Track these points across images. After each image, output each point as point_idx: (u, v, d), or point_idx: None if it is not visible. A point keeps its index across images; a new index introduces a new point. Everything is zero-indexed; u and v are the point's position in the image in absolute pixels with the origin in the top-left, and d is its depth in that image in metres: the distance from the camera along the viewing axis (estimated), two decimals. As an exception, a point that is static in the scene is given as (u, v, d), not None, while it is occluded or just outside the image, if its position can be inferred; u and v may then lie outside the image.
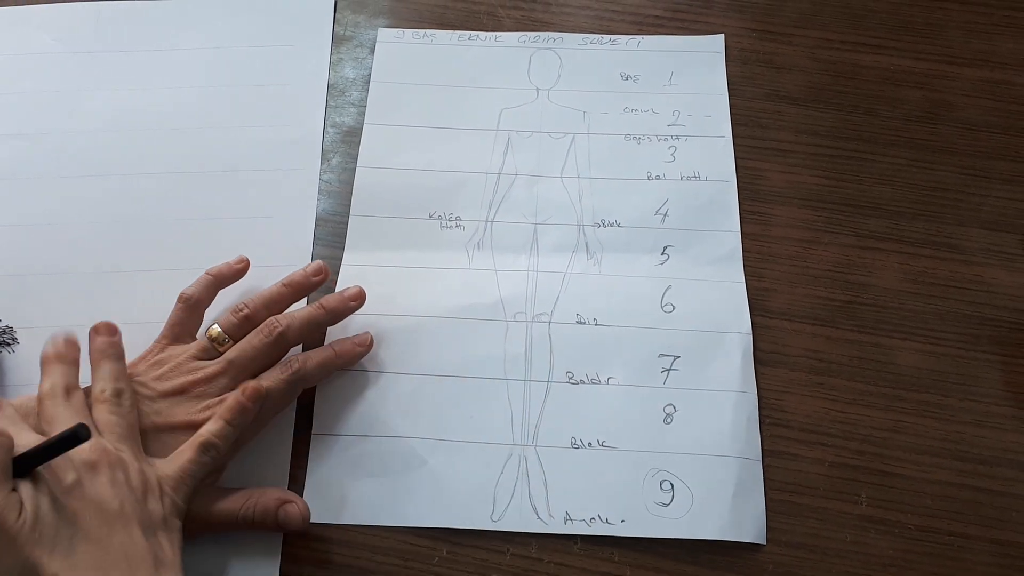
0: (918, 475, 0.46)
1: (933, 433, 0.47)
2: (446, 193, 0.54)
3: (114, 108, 0.58)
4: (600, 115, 0.58)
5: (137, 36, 0.61)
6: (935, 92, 0.58)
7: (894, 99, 0.58)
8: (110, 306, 0.50)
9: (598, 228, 0.53)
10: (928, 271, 0.52)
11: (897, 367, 0.49)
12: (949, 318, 0.50)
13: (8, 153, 0.56)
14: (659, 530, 0.44)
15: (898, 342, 0.49)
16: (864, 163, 0.56)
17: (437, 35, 0.61)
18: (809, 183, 0.55)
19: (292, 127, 0.57)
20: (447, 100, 0.58)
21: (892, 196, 0.54)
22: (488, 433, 0.47)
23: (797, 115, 0.57)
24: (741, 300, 0.51)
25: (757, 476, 0.46)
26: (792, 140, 0.56)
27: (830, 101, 0.58)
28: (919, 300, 0.51)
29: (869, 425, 0.47)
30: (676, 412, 0.47)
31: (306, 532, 0.44)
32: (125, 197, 0.54)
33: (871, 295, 0.51)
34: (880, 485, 0.45)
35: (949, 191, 0.54)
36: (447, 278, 0.52)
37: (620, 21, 0.62)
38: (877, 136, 0.57)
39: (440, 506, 0.45)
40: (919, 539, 0.44)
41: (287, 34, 0.61)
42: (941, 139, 0.56)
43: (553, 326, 0.50)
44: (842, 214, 0.54)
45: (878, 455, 0.46)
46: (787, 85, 0.59)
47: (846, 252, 0.52)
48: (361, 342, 0.48)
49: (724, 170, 0.55)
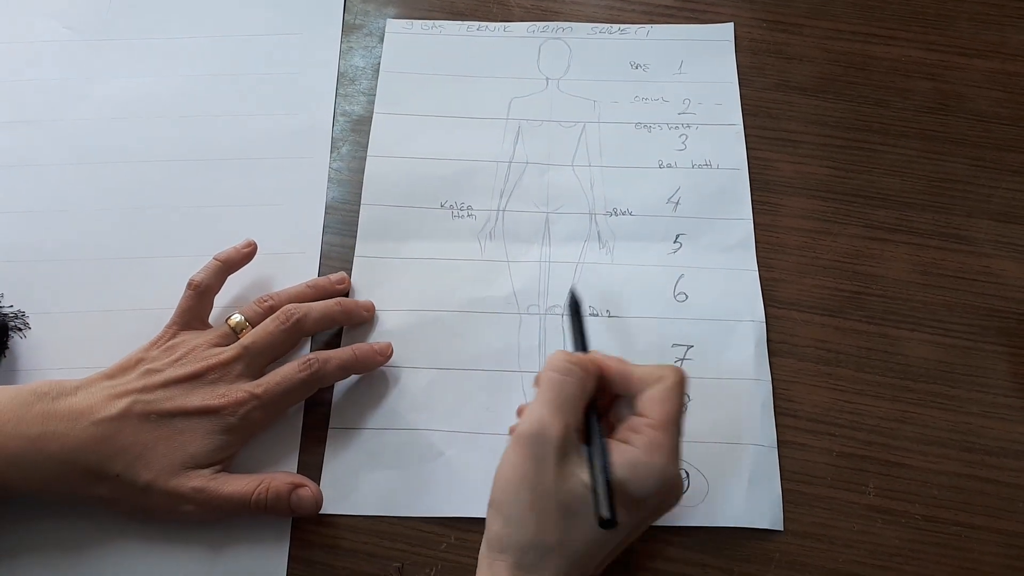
0: (925, 465, 0.46)
1: (940, 424, 0.47)
2: (457, 182, 0.54)
3: (124, 95, 0.58)
4: (610, 104, 0.57)
5: (147, 24, 0.61)
6: (946, 83, 0.58)
7: (904, 90, 0.58)
8: (120, 292, 0.51)
9: (610, 217, 0.53)
10: (937, 262, 0.52)
11: (905, 358, 0.49)
12: (958, 309, 0.50)
13: (18, 140, 0.56)
14: (674, 518, 0.44)
15: (906, 333, 0.50)
16: (874, 154, 0.55)
17: (446, 26, 0.61)
18: (819, 174, 0.55)
19: (302, 115, 0.57)
20: (457, 90, 0.58)
21: (902, 187, 0.54)
22: (504, 425, 0.46)
23: (807, 105, 0.57)
24: (754, 288, 0.51)
25: (773, 463, 0.46)
26: (802, 130, 0.56)
27: (840, 92, 0.58)
28: (928, 291, 0.51)
29: (877, 415, 0.47)
30: (691, 401, 0.47)
31: (315, 517, 0.44)
32: (135, 184, 0.54)
33: (880, 286, 0.51)
34: (887, 475, 0.46)
35: (959, 182, 0.54)
36: (460, 269, 0.52)
37: (630, 11, 0.61)
38: (887, 127, 0.56)
39: (456, 497, 0.45)
40: (926, 529, 0.44)
41: (297, 23, 0.61)
42: (951, 130, 0.56)
43: (567, 318, 0.50)
44: (851, 205, 0.54)
45: (885, 445, 0.46)
46: (797, 75, 0.59)
47: (855, 243, 0.52)
48: (382, 351, 0.48)
49: (735, 158, 0.55)
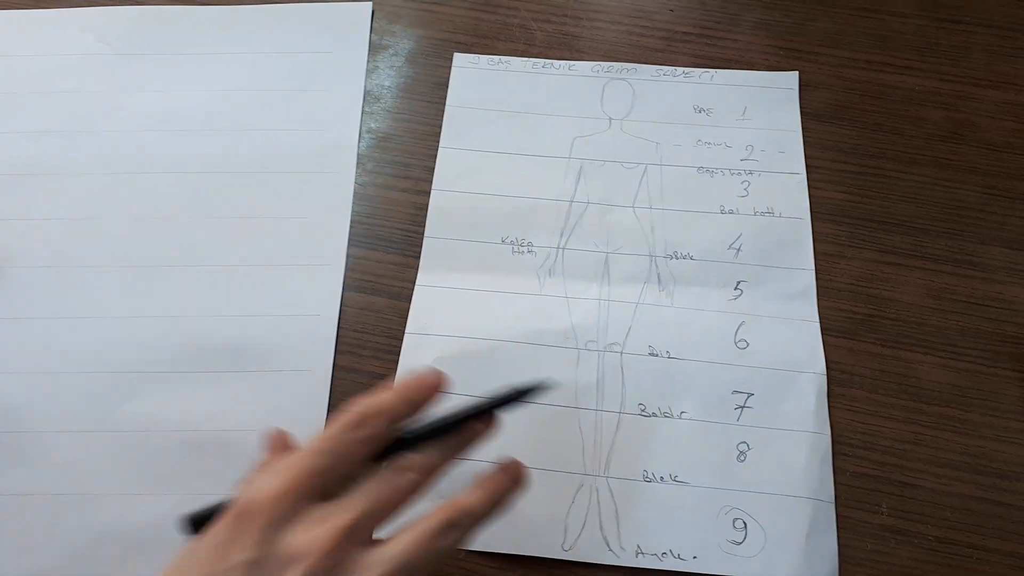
0: (938, 487, 0.46)
1: (953, 447, 0.48)
2: (518, 218, 0.55)
3: (155, 108, 0.59)
4: (673, 147, 0.58)
5: (178, 40, 0.62)
6: (959, 113, 0.59)
7: (918, 118, 0.59)
8: (148, 298, 0.52)
9: (670, 260, 0.53)
10: (950, 288, 0.52)
11: (918, 381, 0.49)
12: (970, 334, 0.51)
13: (52, 149, 0.57)
14: (732, 568, 0.44)
15: (919, 356, 0.50)
16: (888, 180, 0.56)
17: (512, 62, 0.61)
18: (834, 198, 0.56)
19: (328, 132, 0.58)
20: (520, 127, 0.58)
21: (915, 213, 0.55)
22: (559, 461, 0.47)
23: (822, 132, 0.58)
24: (815, 339, 0.50)
25: (830, 518, 0.45)
26: (817, 156, 0.57)
27: (855, 119, 0.59)
28: (941, 316, 0.52)
29: (890, 436, 0.48)
30: (750, 450, 0.47)
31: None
32: (163, 194, 0.56)
33: (893, 310, 0.52)
34: (901, 496, 0.46)
35: (972, 210, 0.55)
36: (518, 303, 0.52)
37: (650, 36, 0.63)
38: (901, 154, 0.57)
39: (512, 532, 0.45)
40: (939, 550, 0.45)
41: (326, 42, 0.62)
42: (964, 159, 0.57)
43: (625, 357, 0.50)
44: (866, 229, 0.55)
45: (899, 466, 0.47)
46: (812, 102, 0.60)
47: (869, 267, 0.53)
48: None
49: (798, 207, 0.55)
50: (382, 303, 0.52)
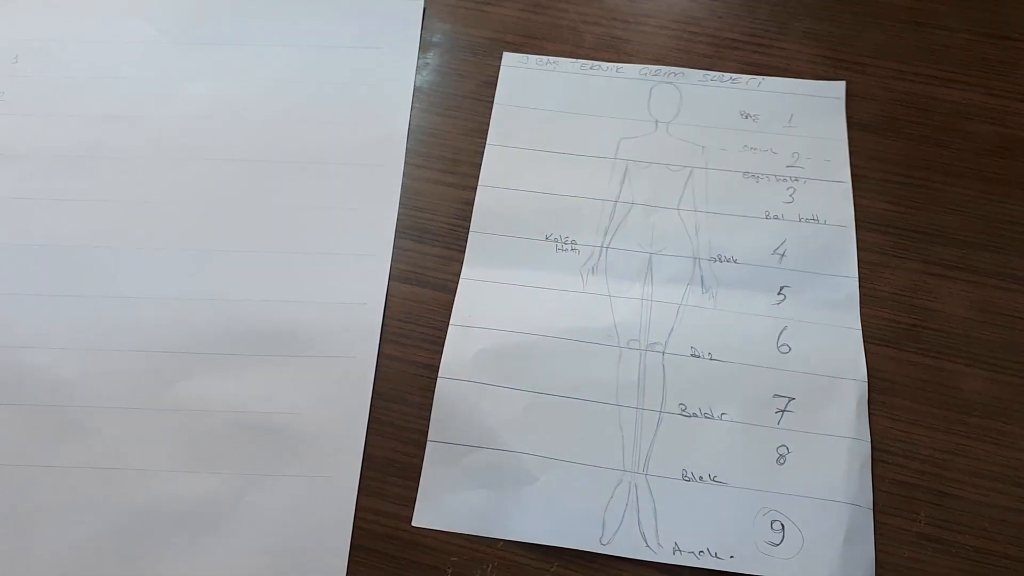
0: (977, 498, 0.46)
1: (994, 458, 0.48)
2: (562, 217, 0.55)
3: (208, 96, 0.60)
4: (719, 151, 0.58)
5: (234, 30, 0.64)
6: (1007, 128, 0.59)
7: (965, 132, 0.59)
8: (199, 282, 0.53)
9: (714, 263, 0.53)
10: (994, 301, 0.52)
11: (960, 391, 0.50)
12: (1014, 348, 0.51)
13: (107, 133, 0.59)
14: (769, 569, 0.44)
15: (962, 367, 0.50)
16: (933, 192, 0.57)
17: (560, 62, 0.62)
18: (878, 208, 0.56)
19: (378, 126, 0.59)
20: (567, 127, 0.59)
21: (960, 226, 0.55)
22: (599, 457, 0.47)
23: (868, 142, 0.59)
24: (857, 347, 0.51)
25: (868, 525, 0.46)
26: (863, 166, 0.58)
27: (901, 131, 0.59)
28: (984, 328, 0.52)
29: (930, 446, 0.48)
30: (789, 454, 0.47)
31: (415, 540, 0.45)
32: (215, 181, 0.57)
33: (936, 321, 0.52)
34: (939, 505, 0.46)
35: (1018, 224, 0.55)
36: (561, 299, 0.52)
37: (698, 42, 0.63)
38: (947, 167, 0.58)
39: (549, 523, 0.45)
40: (976, 560, 0.45)
41: (377, 38, 0.63)
42: (1012, 173, 0.57)
43: (667, 356, 0.50)
44: (910, 240, 0.55)
45: (938, 476, 0.47)
46: (859, 113, 0.60)
47: (913, 277, 0.53)
48: None
49: (843, 215, 0.55)
50: (427, 294, 0.53)
